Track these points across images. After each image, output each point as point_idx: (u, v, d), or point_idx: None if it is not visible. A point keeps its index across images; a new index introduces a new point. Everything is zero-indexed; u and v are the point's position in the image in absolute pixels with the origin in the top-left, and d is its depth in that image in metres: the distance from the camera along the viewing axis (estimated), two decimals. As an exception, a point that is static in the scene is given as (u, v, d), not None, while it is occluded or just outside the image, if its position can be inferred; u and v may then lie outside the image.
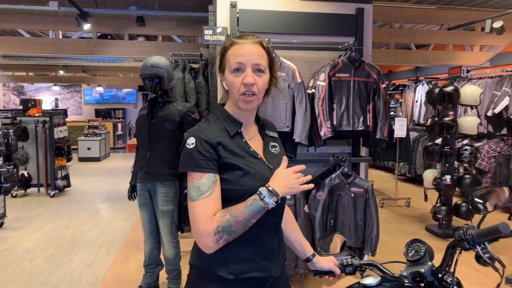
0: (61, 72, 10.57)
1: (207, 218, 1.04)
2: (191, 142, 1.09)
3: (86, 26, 5.23)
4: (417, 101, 8.07)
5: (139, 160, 2.92)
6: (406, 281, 1.13)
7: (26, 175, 6.54)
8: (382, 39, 6.14)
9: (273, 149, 1.25)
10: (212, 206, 1.06)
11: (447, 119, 4.46)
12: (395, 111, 9.00)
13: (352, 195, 3.17)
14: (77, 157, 10.47)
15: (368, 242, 3.18)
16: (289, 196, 1.22)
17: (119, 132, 14.11)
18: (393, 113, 8.55)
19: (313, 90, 3.08)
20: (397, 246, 4.24)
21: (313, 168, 3.36)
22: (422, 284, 1.14)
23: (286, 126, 3.00)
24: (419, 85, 8.10)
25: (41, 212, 5.58)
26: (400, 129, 5.72)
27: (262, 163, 1.17)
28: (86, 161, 10.64)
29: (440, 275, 1.11)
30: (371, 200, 3.19)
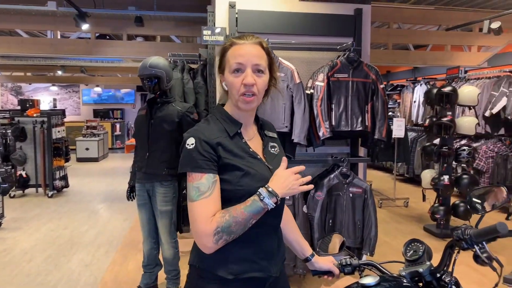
0: (59, 72, 10.55)
1: (207, 219, 1.05)
2: (191, 143, 1.09)
3: (85, 26, 5.23)
4: (415, 102, 8.08)
5: (138, 161, 2.92)
6: (405, 281, 1.14)
7: (24, 176, 6.53)
8: (381, 40, 6.15)
9: (273, 150, 1.25)
10: (212, 207, 1.06)
11: (445, 120, 4.48)
12: (394, 112, 9.02)
13: (351, 195, 3.17)
14: (75, 158, 10.44)
15: (367, 242, 3.19)
16: (288, 196, 1.22)
17: (118, 133, 14.11)
18: (392, 114, 8.57)
19: (312, 91, 3.08)
20: (396, 246, 4.25)
21: (312, 168, 3.36)
22: (421, 284, 1.15)
23: (285, 127, 3.00)
24: (417, 86, 8.12)
25: (39, 213, 5.57)
26: (399, 130, 5.74)
27: (262, 164, 1.17)
28: (84, 162, 10.62)
29: (439, 275, 1.12)
30: (370, 200, 3.19)
